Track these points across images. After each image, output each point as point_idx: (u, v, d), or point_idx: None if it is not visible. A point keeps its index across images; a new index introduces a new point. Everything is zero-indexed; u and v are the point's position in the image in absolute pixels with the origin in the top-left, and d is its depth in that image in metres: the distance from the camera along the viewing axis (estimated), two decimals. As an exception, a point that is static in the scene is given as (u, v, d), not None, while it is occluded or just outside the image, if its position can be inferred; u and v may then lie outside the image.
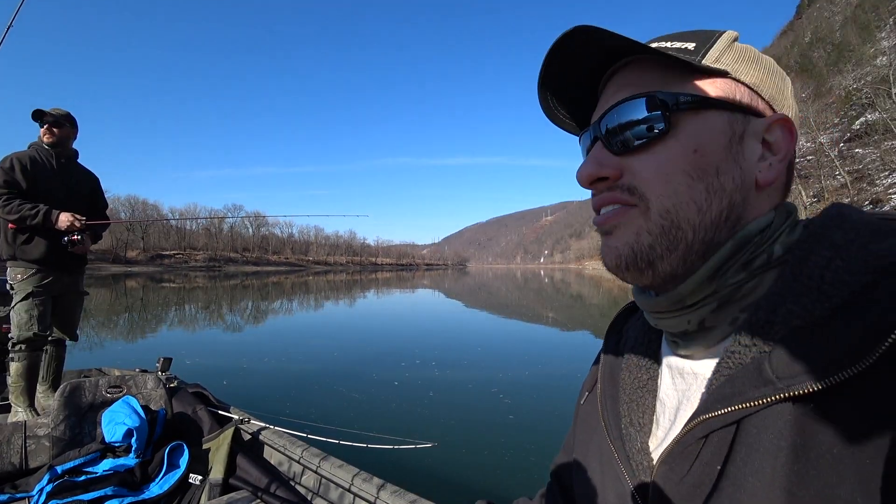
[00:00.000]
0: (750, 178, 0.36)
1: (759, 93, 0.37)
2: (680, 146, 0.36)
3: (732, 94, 0.36)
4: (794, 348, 0.30)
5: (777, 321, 0.32)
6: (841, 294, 0.29)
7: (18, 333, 2.39)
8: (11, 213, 2.34)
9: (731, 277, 0.36)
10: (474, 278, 53.73)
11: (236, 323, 11.13)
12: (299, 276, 56.10)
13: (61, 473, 1.68)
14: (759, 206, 0.37)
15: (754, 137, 0.36)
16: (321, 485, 1.77)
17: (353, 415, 3.96)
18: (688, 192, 0.35)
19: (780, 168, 0.37)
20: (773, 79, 0.38)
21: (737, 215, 0.36)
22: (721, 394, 0.33)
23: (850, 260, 0.30)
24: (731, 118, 0.36)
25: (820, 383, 0.28)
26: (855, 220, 0.32)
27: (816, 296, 0.30)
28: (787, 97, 0.39)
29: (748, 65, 0.38)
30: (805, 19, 77.56)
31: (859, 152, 45.76)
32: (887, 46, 52.81)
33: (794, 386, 0.29)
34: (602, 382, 0.49)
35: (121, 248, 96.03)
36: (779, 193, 0.38)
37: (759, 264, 0.36)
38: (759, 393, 0.31)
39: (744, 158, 0.36)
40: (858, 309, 0.28)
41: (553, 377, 5.58)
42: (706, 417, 0.33)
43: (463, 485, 2.73)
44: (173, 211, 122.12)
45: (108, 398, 1.99)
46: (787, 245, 0.35)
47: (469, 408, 4.28)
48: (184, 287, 26.55)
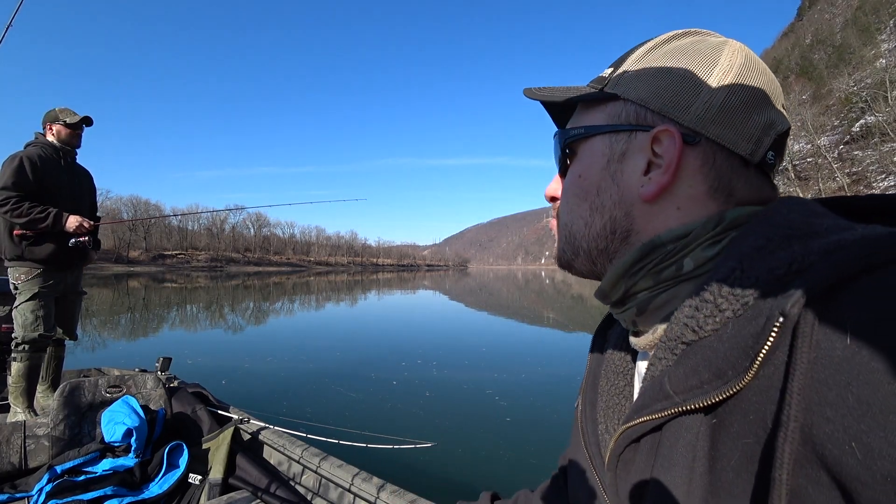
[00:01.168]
0: (630, 193, 0.37)
1: (648, 106, 0.37)
2: (572, 173, 0.42)
3: (618, 115, 0.39)
4: (686, 363, 0.30)
5: (676, 335, 0.32)
6: (732, 307, 0.29)
7: (24, 334, 2.38)
8: (21, 217, 2.33)
9: (641, 282, 0.37)
10: (475, 279, 53.72)
11: (237, 323, 11.14)
12: (301, 276, 56.17)
13: (61, 473, 1.67)
14: (662, 218, 0.36)
15: (640, 152, 0.37)
16: (321, 484, 1.77)
17: (353, 415, 3.96)
18: (577, 210, 0.41)
19: (663, 180, 0.35)
20: (675, 85, 0.36)
21: (623, 228, 0.38)
22: (637, 405, 0.34)
23: (750, 270, 0.29)
24: (613, 140, 0.39)
25: (707, 399, 0.28)
26: (776, 222, 0.30)
27: (711, 310, 0.30)
28: (693, 102, 0.35)
29: (644, 79, 0.37)
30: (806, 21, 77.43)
31: (859, 154, 45.67)
32: (887, 49, 52.75)
33: (687, 401, 0.29)
34: (584, 388, 0.50)
35: (123, 248, 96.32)
36: (701, 205, 0.35)
37: (667, 276, 0.35)
38: (660, 406, 0.31)
39: (622, 176, 0.38)
40: (743, 322, 0.28)
41: (553, 378, 5.57)
42: (625, 427, 0.35)
43: (463, 484, 2.72)
44: (175, 211, 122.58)
45: (108, 398, 1.99)
46: (699, 259, 0.34)
47: (468, 408, 4.28)
48: (185, 287, 26.60)
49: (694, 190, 0.35)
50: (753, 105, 0.35)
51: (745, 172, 0.36)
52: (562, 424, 3.85)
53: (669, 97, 0.36)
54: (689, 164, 0.35)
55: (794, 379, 0.24)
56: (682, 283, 0.35)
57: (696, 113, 0.35)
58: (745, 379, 0.26)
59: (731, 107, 0.35)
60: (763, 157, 0.35)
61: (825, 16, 72.78)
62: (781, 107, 0.37)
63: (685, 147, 0.35)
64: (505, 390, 4.85)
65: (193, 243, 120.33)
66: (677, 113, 0.35)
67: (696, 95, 0.35)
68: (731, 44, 0.37)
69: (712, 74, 0.35)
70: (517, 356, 6.91)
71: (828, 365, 0.23)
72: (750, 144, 0.35)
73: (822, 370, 0.23)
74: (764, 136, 0.35)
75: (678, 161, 0.35)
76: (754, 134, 0.35)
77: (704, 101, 0.35)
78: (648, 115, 0.37)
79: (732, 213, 0.34)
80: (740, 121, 0.35)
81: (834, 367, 0.23)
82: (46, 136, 2.58)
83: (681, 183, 0.35)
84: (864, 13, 61.81)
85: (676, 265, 0.35)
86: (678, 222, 0.36)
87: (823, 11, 74.42)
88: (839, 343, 0.23)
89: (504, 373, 5.68)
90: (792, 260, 0.27)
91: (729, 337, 0.28)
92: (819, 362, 0.24)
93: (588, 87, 0.41)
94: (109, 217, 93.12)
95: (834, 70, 57.84)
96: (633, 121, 0.38)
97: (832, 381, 0.23)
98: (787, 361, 0.25)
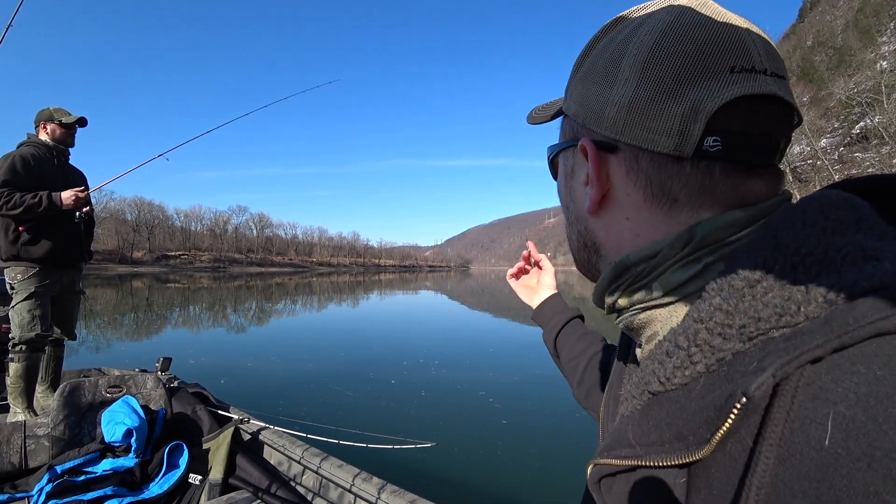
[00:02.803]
0: (581, 208, 0.36)
1: (576, 120, 0.35)
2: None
3: (566, 132, 0.38)
4: (650, 415, 0.28)
5: (644, 380, 0.29)
6: (705, 360, 0.25)
7: (20, 334, 2.38)
8: (15, 208, 2.32)
9: (620, 300, 0.35)
10: (477, 280, 53.71)
11: (239, 323, 11.17)
12: (303, 277, 56.27)
13: (61, 473, 1.68)
14: (615, 229, 0.34)
15: (583, 167, 0.35)
16: (321, 485, 1.77)
17: (353, 415, 3.95)
18: (566, 221, 0.41)
19: (593, 193, 0.33)
20: (591, 93, 0.33)
21: (591, 241, 0.37)
22: (606, 442, 0.33)
23: (735, 314, 0.24)
24: (565, 156, 0.39)
25: (668, 460, 0.25)
26: (785, 241, 0.25)
27: (682, 360, 0.26)
28: (605, 108, 0.32)
29: (577, 90, 0.35)
30: (807, 23, 76.98)
31: (859, 156, 45.56)
32: (887, 51, 52.47)
33: (648, 456, 0.27)
34: (610, 382, 0.48)
35: (127, 249, 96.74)
36: (647, 213, 0.31)
37: (638, 299, 0.32)
38: (624, 453, 0.29)
39: (574, 192, 0.37)
40: (713, 381, 0.24)
41: (554, 378, 5.56)
42: (593, 463, 0.34)
43: (463, 484, 2.71)
44: (178, 212, 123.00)
45: (108, 398, 1.99)
46: (667, 284, 0.30)
47: (469, 408, 4.27)
48: (189, 288, 26.68)
49: (633, 198, 0.32)
50: (667, 92, 0.29)
51: (681, 170, 0.30)
52: (563, 425, 3.84)
53: (588, 107, 0.34)
54: (616, 172, 0.33)
55: (755, 474, 0.21)
56: (656, 308, 0.32)
57: (610, 119, 0.32)
58: (704, 451, 0.23)
59: (639, 103, 0.30)
60: (698, 147, 0.28)
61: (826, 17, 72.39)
62: (730, 69, 0.28)
63: (607, 155, 0.33)
64: (505, 391, 4.84)
65: (196, 244, 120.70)
66: (594, 123, 0.33)
67: (606, 100, 0.32)
68: (652, 17, 0.31)
69: (620, 69, 0.31)
70: (518, 357, 6.90)
71: (797, 467, 0.20)
72: (672, 138, 0.29)
73: (790, 472, 0.20)
74: (688, 124, 0.28)
75: (598, 172, 0.33)
76: (673, 125, 0.29)
77: (614, 104, 0.31)
78: (578, 129, 0.36)
79: (703, 227, 0.29)
80: (650, 116, 0.29)
81: (804, 472, 0.19)
82: (40, 135, 2.57)
83: (618, 192, 0.33)
84: (865, 15, 61.50)
85: (646, 288, 0.32)
86: (633, 233, 0.33)
87: (825, 13, 74.02)
88: (816, 442, 0.19)
89: (505, 373, 5.67)
90: (784, 310, 0.23)
91: (696, 396, 0.25)
92: (788, 461, 0.20)
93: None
94: (113, 218, 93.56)
95: (834, 72, 57.57)
96: (571, 136, 0.37)
97: (798, 488, 0.19)
98: (752, 448, 0.21)
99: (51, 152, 2.58)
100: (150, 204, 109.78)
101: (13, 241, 2.42)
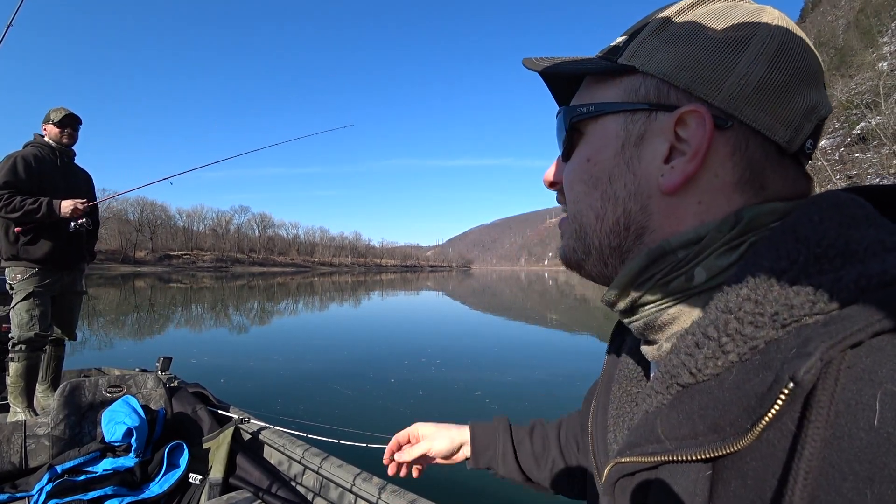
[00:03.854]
0: (648, 183, 0.32)
1: (672, 82, 0.31)
2: (579, 156, 0.36)
3: (635, 91, 0.33)
4: (681, 408, 0.27)
5: (672, 372, 0.28)
6: (738, 350, 0.25)
7: (19, 334, 2.39)
8: (14, 212, 2.33)
9: (648, 294, 0.32)
10: (478, 280, 53.69)
11: (241, 323, 11.19)
12: (305, 276, 56.37)
13: (61, 473, 1.67)
14: (680, 213, 0.31)
15: (661, 136, 0.32)
16: (322, 485, 1.76)
17: (354, 415, 3.95)
18: (586, 199, 0.35)
19: (689, 169, 0.30)
20: (705, 58, 0.30)
21: (638, 224, 0.33)
22: (629, 440, 0.31)
23: (766, 302, 0.24)
24: (629, 120, 0.33)
25: (701, 453, 0.25)
26: (805, 235, 0.25)
27: (713, 350, 0.26)
28: (726, 78, 0.30)
29: (669, 49, 0.32)
30: (809, 23, 76.72)
31: (859, 157, 45.47)
32: (888, 52, 52.31)
33: (679, 450, 0.26)
34: (598, 391, 0.47)
35: (129, 249, 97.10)
36: (724, 199, 0.30)
37: (675, 288, 0.31)
38: (651, 449, 0.28)
39: (639, 163, 0.33)
40: (749, 370, 0.24)
41: (555, 378, 5.55)
42: (618, 461, 0.32)
43: (463, 484, 2.71)
44: (181, 212, 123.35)
45: (108, 398, 1.98)
46: (712, 269, 0.29)
47: (469, 407, 4.26)
48: (191, 287, 26.76)
49: (720, 181, 0.30)
50: (796, 84, 0.30)
51: (781, 162, 0.30)
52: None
53: (698, 71, 0.30)
54: (718, 151, 0.30)
55: (802, 459, 0.20)
56: (693, 296, 0.30)
57: (730, 91, 0.29)
58: (744, 441, 0.23)
59: (771, 86, 0.29)
60: (802, 145, 0.30)
61: (828, 17, 72.18)
62: (823, 87, 0.32)
63: (715, 132, 0.30)
64: (506, 391, 4.83)
65: (199, 244, 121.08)
66: (707, 90, 0.30)
67: (729, 71, 0.30)
68: (770, 11, 0.32)
69: (749, 45, 0.30)
70: (519, 356, 6.89)
71: (847, 449, 0.19)
72: (789, 131, 0.29)
73: (839, 454, 0.20)
74: (805, 121, 0.30)
75: (708, 147, 0.30)
76: (794, 118, 0.29)
77: (739, 78, 0.29)
78: (672, 93, 0.31)
79: (749, 211, 0.29)
80: (780, 103, 0.29)
81: (854, 454, 0.19)
82: (45, 137, 2.59)
83: (706, 173, 0.30)
84: (866, 16, 61.34)
85: (686, 276, 0.30)
86: (696, 220, 0.31)
87: (826, 13, 73.80)
88: (864, 422, 0.19)
89: (505, 373, 5.66)
90: (817, 298, 0.23)
91: (731, 386, 0.24)
92: (836, 444, 0.20)
93: (598, 57, 0.36)
94: (116, 218, 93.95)
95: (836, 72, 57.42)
96: (654, 99, 0.32)
97: (849, 470, 0.19)
98: (796, 433, 0.21)
99: (54, 153, 2.59)
100: (152, 204, 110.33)
101: (13, 241, 2.43)
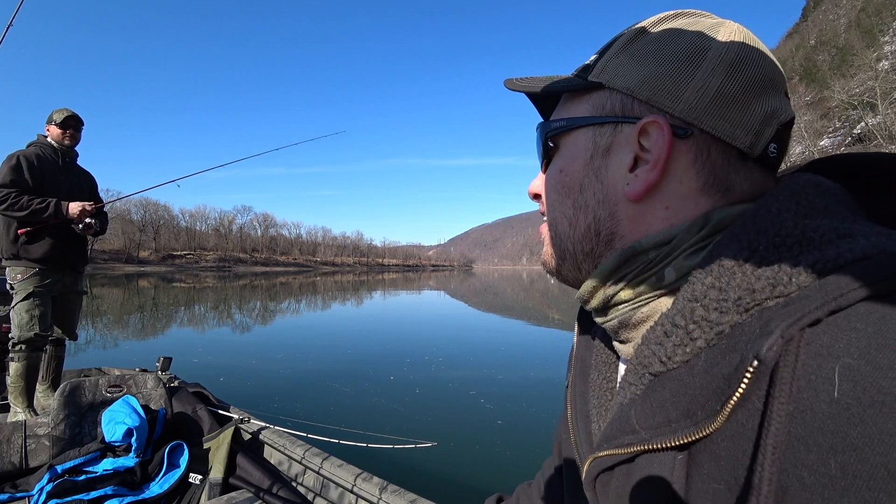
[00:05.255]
0: (615, 191, 0.34)
1: (634, 96, 0.33)
2: (554, 167, 0.39)
3: (602, 105, 0.35)
4: (654, 397, 0.28)
5: (644, 363, 0.30)
6: (705, 335, 0.26)
7: (19, 334, 2.39)
8: (21, 210, 2.33)
9: (620, 293, 0.34)
10: (480, 279, 53.67)
11: (243, 322, 11.21)
12: (307, 276, 56.49)
13: (61, 473, 1.67)
14: (648, 219, 0.33)
15: (626, 146, 0.33)
16: (322, 485, 1.76)
17: (354, 414, 3.94)
18: (560, 207, 0.38)
19: (651, 177, 0.32)
20: (665, 71, 0.32)
21: (608, 230, 0.35)
22: (606, 433, 0.32)
23: (728, 289, 0.26)
24: (597, 132, 0.35)
25: (676, 439, 0.26)
26: (764, 226, 0.27)
27: (681, 337, 0.27)
28: (685, 90, 0.31)
29: (633, 65, 0.33)
30: (810, 22, 76.24)
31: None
32: (889, 51, 51.98)
33: (654, 439, 0.27)
34: (573, 379, 0.46)
35: (133, 249, 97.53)
36: (692, 203, 0.31)
37: (647, 287, 0.32)
38: (627, 440, 0.29)
39: (606, 172, 0.35)
40: (716, 354, 0.25)
41: (555, 378, 5.53)
42: (593, 457, 0.33)
43: (463, 484, 2.70)
44: (183, 212, 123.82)
45: (108, 398, 1.98)
46: (681, 269, 0.31)
47: (469, 407, 4.25)
48: (194, 287, 26.84)
49: (685, 187, 0.32)
50: (753, 92, 0.31)
51: (746, 166, 0.32)
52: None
53: (659, 85, 0.32)
54: (680, 158, 0.32)
55: (769, 434, 0.21)
56: (664, 296, 0.32)
57: (688, 102, 0.31)
58: (716, 423, 0.24)
59: (728, 95, 0.31)
60: (764, 150, 0.31)
61: (830, 17, 71.75)
62: (785, 94, 0.33)
63: (675, 140, 0.31)
64: (506, 391, 4.81)
65: (202, 244, 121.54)
66: (667, 102, 0.32)
67: (687, 82, 0.31)
68: (728, 24, 0.33)
69: (706, 58, 0.31)
70: (520, 356, 6.88)
71: (809, 421, 0.20)
72: (749, 136, 0.31)
73: (802, 426, 0.21)
74: (765, 126, 0.31)
75: (667, 156, 0.31)
76: (754, 124, 0.31)
77: (697, 89, 0.31)
78: (635, 106, 0.33)
79: (719, 213, 0.30)
80: (737, 110, 0.31)
81: (816, 426, 0.20)
82: (47, 137, 2.59)
83: (670, 180, 0.32)
84: (868, 15, 60.97)
85: (657, 275, 0.32)
86: (665, 224, 0.32)
87: (828, 12, 73.36)
88: (825, 395, 0.20)
89: (506, 373, 5.65)
90: (777, 281, 0.24)
91: (700, 371, 0.25)
92: (799, 416, 0.21)
93: (573, 75, 0.38)
94: (119, 218, 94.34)
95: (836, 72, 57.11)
96: (619, 112, 0.34)
97: (812, 441, 0.20)
98: (763, 411, 0.22)
99: (56, 153, 2.59)
100: (155, 204, 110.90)
101: (13, 240, 2.43)
